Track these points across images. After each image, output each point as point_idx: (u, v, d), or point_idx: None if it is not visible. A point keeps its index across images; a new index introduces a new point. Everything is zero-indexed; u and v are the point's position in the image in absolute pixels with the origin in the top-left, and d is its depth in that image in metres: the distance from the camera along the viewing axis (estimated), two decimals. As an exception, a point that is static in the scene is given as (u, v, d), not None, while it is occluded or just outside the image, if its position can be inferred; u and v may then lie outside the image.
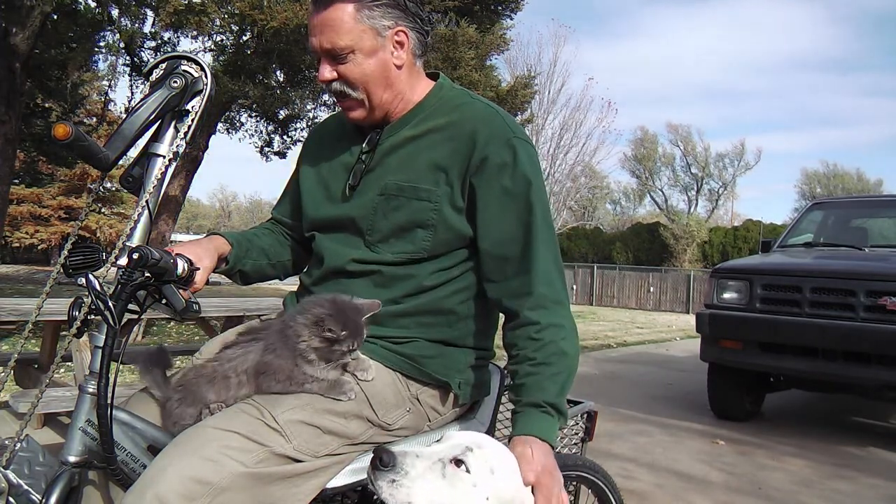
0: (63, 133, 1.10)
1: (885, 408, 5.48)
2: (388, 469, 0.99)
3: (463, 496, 0.99)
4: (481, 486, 1.00)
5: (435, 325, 1.30)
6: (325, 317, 1.16)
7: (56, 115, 10.32)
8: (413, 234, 1.28)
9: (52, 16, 7.42)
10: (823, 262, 4.84)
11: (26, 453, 1.18)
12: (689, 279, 20.59)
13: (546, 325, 1.21)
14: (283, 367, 1.17)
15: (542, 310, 1.22)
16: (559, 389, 1.19)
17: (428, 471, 1.00)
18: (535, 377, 1.19)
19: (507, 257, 1.26)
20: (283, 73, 8.88)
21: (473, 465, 1.01)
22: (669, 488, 3.32)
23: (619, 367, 7.35)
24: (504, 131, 1.29)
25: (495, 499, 1.01)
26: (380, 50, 1.27)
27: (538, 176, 1.30)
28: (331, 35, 1.23)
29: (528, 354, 1.20)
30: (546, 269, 1.25)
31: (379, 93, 1.29)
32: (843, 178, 43.51)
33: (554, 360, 1.19)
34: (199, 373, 1.22)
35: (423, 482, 0.99)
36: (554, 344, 1.20)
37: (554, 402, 1.18)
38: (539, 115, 22.42)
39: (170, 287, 1.14)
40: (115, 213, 25.57)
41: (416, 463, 1.00)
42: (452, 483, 1.00)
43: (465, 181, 1.28)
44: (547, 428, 1.16)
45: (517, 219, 1.26)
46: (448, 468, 1.01)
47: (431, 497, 0.99)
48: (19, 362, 3.45)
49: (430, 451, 1.04)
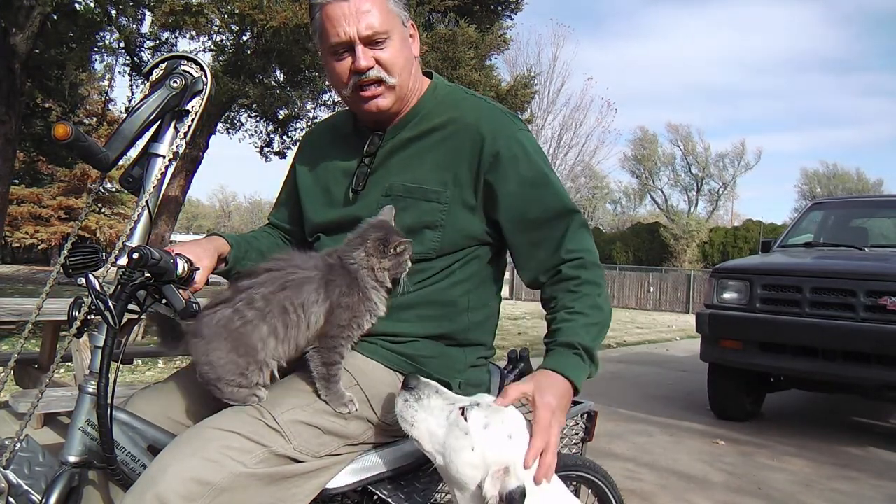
0: (63, 133, 1.10)
1: (885, 408, 5.48)
2: (409, 390, 1.13)
3: (454, 439, 1.08)
4: (471, 436, 1.07)
5: (435, 318, 1.30)
6: (386, 236, 1.20)
7: (56, 115, 10.30)
8: (421, 234, 1.29)
9: (52, 16, 7.42)
10: (823, 262, 4.84)
11: (26, 453, 1.18)
12: (689, 279, 20.60)
13: (585, 280, 1.25)
14: (350, 304, 1.19)
15: (581, 269, 1.26)
16: (593, 338, 1.22)
17: (438, 408, 1.11)
18: (570, 323, 1.22)
19: (540, 242, 1.30)
20: (282, 73, 8.88)
21: (471, 417, 1.08)
22: (670, 488, 3.32)
23: (619, 367, 7.35)
24: (508, 125, 1.31)
25: (480, 451, 1.06)
26: (406, 38, 1.31)
27: (547, 160, 1.36)
28: (370, 20, 1.24)
29: (565, 304, 1.24)
30: (579, 240, 1.28)
31: (407, 80, 1.32)
32: (843, 178, 43.55)
33: (591, 311, 1.23)
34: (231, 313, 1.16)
35: (429, 413, 1.11)
36: (591, 298, 1.24)
37: (588, 346, 1.20)
38: (539, 115, 22.46)
39: (170, 287, 1.14)
40: (115, 213, 25.59)
41: (434, 397, 1.13)
42: (450, 426, 1.09)
43: (479, 179, 1.29)
44: (574, 367, 1.18)
45: (542, 204, 1.29)
46: (454, 413, 1.10)
47: (430, 428, 1.11)
48: (19, 362, 3.45)
49: (450, 395, 1.15)
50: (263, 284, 1.17)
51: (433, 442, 1.10)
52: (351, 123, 1.43)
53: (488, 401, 1.12)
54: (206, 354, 1.15)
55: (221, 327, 1.15)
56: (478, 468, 1.06)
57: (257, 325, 1.14)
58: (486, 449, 1.06)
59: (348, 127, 1.43)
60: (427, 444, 1.12)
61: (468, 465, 1.06)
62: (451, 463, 1.08)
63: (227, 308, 1.16)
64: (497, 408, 1.11)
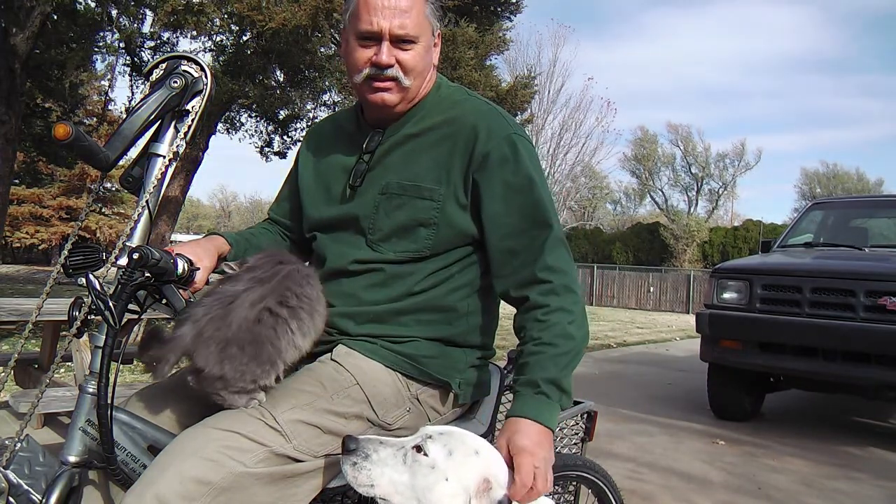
0: (63, 133, 1.10)
1: (885, 408, 5.48)
2: (351, 453, 1.07)
3: (422, 479, 1.05)
4: (439, 467, 1.05)
5: (435, 323, 1.30)
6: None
7: (56, 115, 10.30)
8: (415, 232, 1.29)
9: (52, 16, 7.41)
10: (823, 262, 4.84)
11: (26, 453, 1.18)
12: (689, 279, 20.60)
13: (555, 308, 1.21)
14: None
15: (551, 295, 1.22)
16: (561, 368, 1.18)
17: (390, 457, 1.07)
18: (536, 356, 1.19)
19: (515, 250, 1.27)
20: (282, 73, 8.88)
21: (431, 450, 1.06)
22: (670, 488, 3.32)
23: (619, 367, 7.35)
24: (503, 127, 1.30)
25: (455, 479, 1.04)
26: (430, 46, 1.32)
27: (540, 169, 1.32)
28: (405, 21, 1.24)
29: (533, 335, 1.21)
30: (555, 258, 1.25)
31: (420, 85, 1.32)
32: (843, 178, 43.50)
33: (559, 341, 1.19)
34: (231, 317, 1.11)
35: (384, 466, 1.06)
36: (560, 326, 1.20)
37: (555, 378, 1.17)
38: (539, 115, 22.46)
39: (170, 287, 1.14)
40: (115, 213, 25.57)
41: (379, 448, 1.08)
42: (412, 467, 1.06)
43: (468, 177, 1.28)
44: (538, 408, 1.15)
45: (522, 212, 1.27)
46: (409, 454, 1.07)
47: (392, 479, 1.06)
48: (19, 362, 3.45)
49: (395, 441, 1.10)
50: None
51: (401, 492, 1.06)
52: (354, 121, 1.43)
53: (436, 430, 1.10)
54: (220, 363, 1.09)
55: (246, 331, 1.11)
56: (458, 495, 1.05)
57: (287, 323, 1.14)
58: (459, 474, 1.05)
59: (351, 125, 1.43)
60: (396, 497, 1.06)
61: (447, 496, 1.04)
62: (429, 502, 1.05)
63: (246, 309, 1.12)
64: (450, 431, 1.10)
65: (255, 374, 1.11)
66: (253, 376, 1.11)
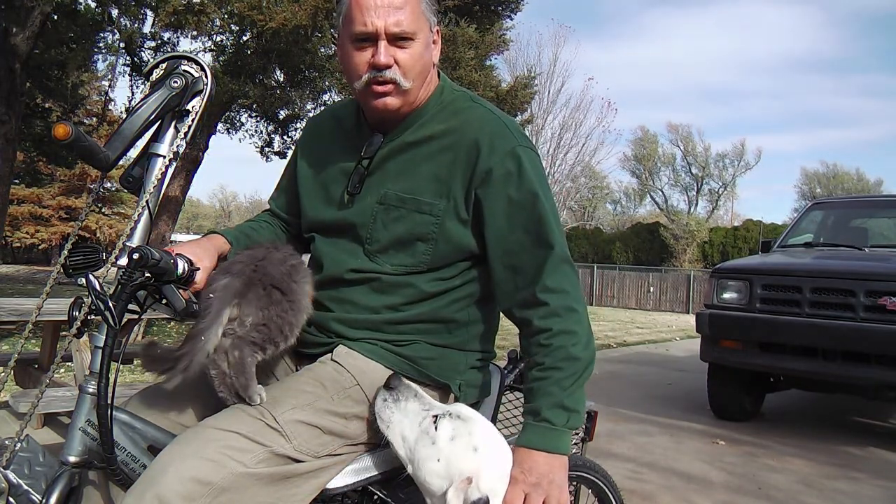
0: (63, 133, 1.10)
1: (885, 408, 5.48)
2: (390, 390, 1.15)
3: (422, 447, 1.10)
4: (438, 446, 1.09)
5: (434, 332, 1.30)
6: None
7: (56, 115, 10.29)
8: (413, 247, 1.27)
9: (52, 16, 7.41)
10: (823, 262, 4.84)
11: (26, 453, 1.18)
12: (689, 279, 20.59)
13: (557, 331, 1.20)
14: None
15: (554, 317, 1.21)
16: (565, 390, 1.18)
17: (414, 413, 1.13)
18: (540, 382, 1.19)
19: (518, 268, 1.25)
20: (282, 73, 8.87)
21: (441, 427, 1.10)
22: (670, 488, 3.32)
23: (619, 367, 7.35)
24: (507, 140, 1.26)
25: (445, 462, 1.08)
26: (429, 43, 1.28)
27: (544, 183, 1.29)
28: (400, 17, 1.20)
29: (537, 360, 1.21)
30: (557, 278, 1.23)
31: (420, 86, 1.28)
32: (843, 178, 43.50)
33: (563, 364, 1.19)
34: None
35: (404, 416, 1.13)
36: (563, 350, 1.19)
37: (558, 402, 1.17)
38: (539, 116, 22.45)
39: (170, 287, 1.14)
40: (115, 213, 25.57)
41: (411, 400, 1.14)
42: (421, 433, 1.11)
43: (470, 193, 1.26)
44: (542, 437, 1.16)
45: (525, 229, 1.25)
46: (427, 420, 1.12)
47: (403, 432, 1.13)
48: (19, 362, 3.45)
49: (428, 401, 1.16)
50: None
51: (405, 447, 1.12)
52: (354, 117, 1.40)
53: (464, 411, 1.12)
54: (267, 308, 1.16)
55: (282, 279, 1.19)
56: (443, 478, 1.07)
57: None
58: (450, 460, 1.07)
59: (351, 120, 1.40)
60: (400, 448, 1.12)
61: (434, 474, 1.08)
62: (418, 470, 1.10)
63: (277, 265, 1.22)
64: (467, 419, 1.11)
65: (290, 325, 1.18)
66: (289, 328, 1.18)
